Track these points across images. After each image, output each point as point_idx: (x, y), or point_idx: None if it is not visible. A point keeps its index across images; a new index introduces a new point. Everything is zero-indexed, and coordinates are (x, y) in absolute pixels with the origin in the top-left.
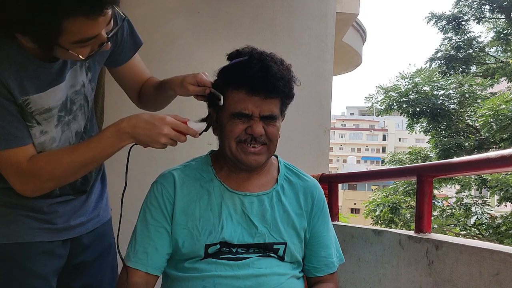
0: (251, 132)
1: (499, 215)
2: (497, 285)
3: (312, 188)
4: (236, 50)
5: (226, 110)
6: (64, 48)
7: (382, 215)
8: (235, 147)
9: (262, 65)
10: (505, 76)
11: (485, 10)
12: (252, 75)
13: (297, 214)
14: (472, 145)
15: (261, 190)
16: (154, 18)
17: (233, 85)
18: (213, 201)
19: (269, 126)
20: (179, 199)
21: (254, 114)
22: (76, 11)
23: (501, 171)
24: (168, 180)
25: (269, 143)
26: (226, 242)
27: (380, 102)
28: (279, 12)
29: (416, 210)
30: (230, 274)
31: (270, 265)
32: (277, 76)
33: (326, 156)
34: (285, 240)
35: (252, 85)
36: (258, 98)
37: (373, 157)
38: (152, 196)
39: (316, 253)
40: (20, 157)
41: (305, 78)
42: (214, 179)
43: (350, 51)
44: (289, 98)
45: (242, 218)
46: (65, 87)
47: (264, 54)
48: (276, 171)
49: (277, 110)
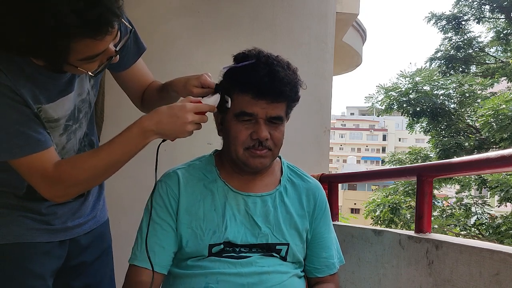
0: (256, 136)
1: (499, 215)
2: (497, 285)
3: (314, 189)
4: (242, 52)
5: (230, 112)
6: (73, 66)
7: (382, 215)
8: (242, 153)
9: (269, 69)
10: (505, 76)
11: (485, 10)
12: (259, 79)
13: (299, 215)
14: (472, 145)
15: (265, 190)
16: (154, 18)
17: (240, 88)
18: (216, 202)
19: (275, 130)
20: (183, 198)
21: (260, 116)
22: (83, 34)
23: (501, 171)
24: (172, 179)
25: (273, 148)
26: (230, 242)
27: (381, 102)
28: (279, 12)
29: (416, 210)
30: (233, 271)
31: (273, 263)
32: (284, 81)
33: (326, 156)
34: (288, 241)
35: (259, 89)
36: (264, 102)
37: (373, 157)
38: (157, 195)
39: (317, 254)
40: (45, 162)
41: (305, 78)
42: (218, 180)
43: (350, 51)
44: (295, 101)
45: (245, 218)
46: (74, 96)
47: (271, 57)
48: (279, 172)
49: (283, 113)
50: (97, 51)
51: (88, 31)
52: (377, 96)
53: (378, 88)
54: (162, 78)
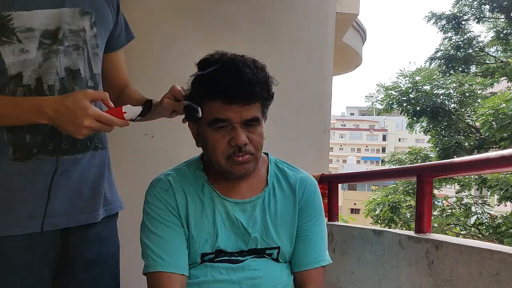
0: (234, 143)
1: (499, 215)
2: (497, 285)
3: (301, 181)
4: (204, 58)
5: (204, 121)
6: None
7: (382, 214)
8: (225, 163)
9: (235, 72)
10: (505, 76)
11: (485, 9)
12: (227, 83)
13: (290, 213)
14: (472, 144)
15: (252, 194)
16: (154, 18)
17: (209, 96)
18: (206, 208)
19: (253, 133)
20: (179, 203)
21: (235, 121)
22: None
23: (501, 171)
24: (165, 185)
25: (255, 152)
26: (221, 250)
27: (381, 101)
28: (280, 13)
29: (416, 210)
30: (226, 278)
31: (265, 266)
32: (253, 82)
33: (326, 156)
34: (278, 245)
35: (228, 94)
36: (236, 106)
37: (373, 157)
38: (154, 201)
39: (301, 248)
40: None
41: (305, 78)
42: (205, 185)
43: (350, 51)
44: (269, 99)
45: (235, 225)
46: (55, 17)
47: (235, 59)
48: (265, 171)
49: (258, 113)
50: None
51: None
52: (377, 95)
53: (378, 87)
54: (162, 78)
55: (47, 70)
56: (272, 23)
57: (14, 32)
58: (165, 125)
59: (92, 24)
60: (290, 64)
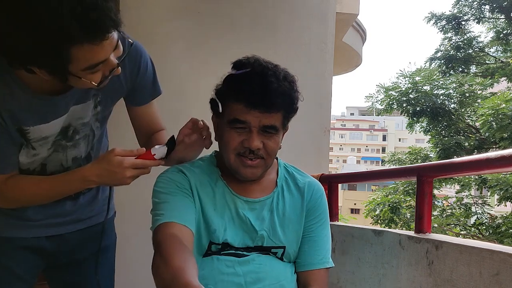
0: (247, 145)
1: (499, 215)
2: (497, 285)
3: (309, 185)
4: (239, 60)
5: (225, 118)
6: (76, 76)
7: (382, 214)
8: (234, 159)
9: (262, 80)
10: (505, 76)
11: (485, 10)
12: (251, 90)
13: (296, 214)
14: (472, 144)
15: (262, 194)
16: (155, 19)
17: (234, 96)
18: (217, 202)
19: (269, 139)
20: (192, 187)
21: (253, 124)
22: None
23: (501, 171)
24: (177, 169)
25: (266, 157)
26: (228, 244)
27: (381, 102)
28: (280, 13)
29: (416, 210)
30: (231, 271)
31: (270, 262)
32: (277, 93)
33: (326, 156)
34: (284, 244)
35: (250, 100)
36: (257, 111)
37: (373, 157)
38: (165, 180)
39: (307, 249)
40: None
41: (305, 78)
42: (219, 180)
43: (350, 51)
44: (291, 112)
45: (243, 221)
46: (67, 117)
47: (266, 67)
48: (275, 174)
49: (278, 123)
50: (97, 59)
51: (86, 34)
52: (377, 95)
53: (378, 87)
54: (162, 78)
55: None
56: (272, 23)
57: (30, 142)
58: (165, 125)
59: (96, 103)
60: (290, 64)
